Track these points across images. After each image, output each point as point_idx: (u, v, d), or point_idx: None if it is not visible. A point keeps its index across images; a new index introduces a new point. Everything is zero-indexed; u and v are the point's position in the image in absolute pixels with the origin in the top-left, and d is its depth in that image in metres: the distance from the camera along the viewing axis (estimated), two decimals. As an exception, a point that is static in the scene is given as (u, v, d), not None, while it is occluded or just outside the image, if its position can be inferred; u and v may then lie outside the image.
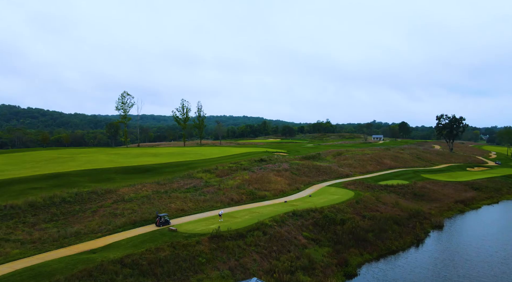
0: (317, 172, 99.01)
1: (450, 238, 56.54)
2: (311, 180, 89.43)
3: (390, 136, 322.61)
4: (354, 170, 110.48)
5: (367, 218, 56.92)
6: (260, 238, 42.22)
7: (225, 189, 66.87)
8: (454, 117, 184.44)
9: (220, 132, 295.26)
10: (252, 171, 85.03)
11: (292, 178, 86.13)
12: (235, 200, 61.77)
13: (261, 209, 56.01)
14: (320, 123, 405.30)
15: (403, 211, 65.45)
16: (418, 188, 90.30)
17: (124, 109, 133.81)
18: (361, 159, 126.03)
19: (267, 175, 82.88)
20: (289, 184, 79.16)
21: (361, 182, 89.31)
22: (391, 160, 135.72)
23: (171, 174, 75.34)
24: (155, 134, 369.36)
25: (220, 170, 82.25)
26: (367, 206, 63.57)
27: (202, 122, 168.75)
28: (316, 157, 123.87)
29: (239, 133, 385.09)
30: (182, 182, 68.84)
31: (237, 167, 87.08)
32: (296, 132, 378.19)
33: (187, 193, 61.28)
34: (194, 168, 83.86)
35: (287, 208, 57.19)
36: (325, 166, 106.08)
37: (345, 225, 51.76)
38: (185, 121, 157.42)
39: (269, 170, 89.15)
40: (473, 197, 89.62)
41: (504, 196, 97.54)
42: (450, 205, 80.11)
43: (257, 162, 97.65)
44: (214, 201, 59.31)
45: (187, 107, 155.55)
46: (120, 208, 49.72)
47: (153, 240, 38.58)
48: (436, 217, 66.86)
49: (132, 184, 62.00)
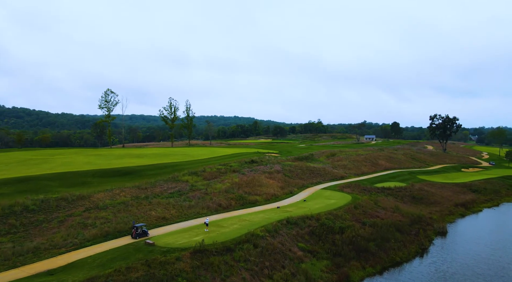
0: (311, 174, 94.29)
1: (456, 247, 52.20)
2: (305, 182, 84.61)
3: (382, 136, 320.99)
4: (348, 171, 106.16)
5: (367, 225, 52.20)
6: (251, 252, 36.96)
7: (213, 194, 61.45)
8: (448, 117, 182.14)
9: (210, 132, 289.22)
10: (242, 174, 79.76)
11: (285, 180, 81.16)
12: (223, 206, 56.41)
13: (251, 216, 50.79)
14: (311, 123, 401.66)
15: (404, 217, 61.02)
16: (416, 190, 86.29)
17: (108, 107, 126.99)
18: (355, 160, 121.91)
19: (258, 177, 77.71)
20: (282, 188, 74.11)
21: (357, 185, 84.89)
22: (385, 161, 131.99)
23: (154, 177, 69.55)
24: (144, 134, 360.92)
25: (208, 173, 76.75)
26: (366, 212, 58.90)
27: (191, 122, 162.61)
28: (309, 158, 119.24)
29: (230, 133, 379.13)
30: (165, 186, 63.14)
31: (226, 169, 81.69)
32: (288, 132, 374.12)
33: (170, 199, 55.67)
34: (180, 170, 78.17)
35: (280, 214, 52.12)
36: (318, 168, 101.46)
37: (345, 234, 46.90)
38: (173, 120, 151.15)
39: (261, 172, 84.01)
40: (473, 199, 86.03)
41: (503, 198, 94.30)
42: (450, 209, 76.22)
43: (248, 163, 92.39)
44: (200, 208, 53.84)
45: (175, 106, 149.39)
46: (92, 217, 43.90)
47: (125, 256, 33.01)
48: (438, 223, 62.60)
49: (109, 189, 56.07)
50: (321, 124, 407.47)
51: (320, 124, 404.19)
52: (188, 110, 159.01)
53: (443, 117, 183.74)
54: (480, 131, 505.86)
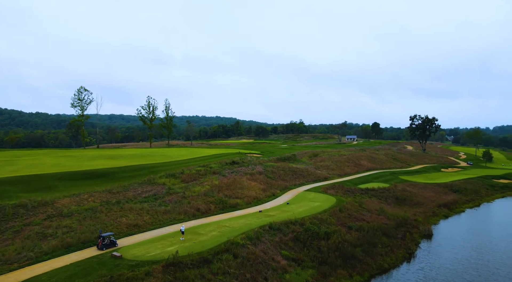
0: (294, 175, 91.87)
1: (442, 251, 50.70)
2: (288, 184, 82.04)
3: (363, 136, 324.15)
4: (332, 172, 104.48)
5: (353, 230, 49.92)
6: (230, 263, 33.71)
7: (191, 197, 57.76)
8: (427, 118, 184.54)
9: (191, 133, 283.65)
10: (222, 175, 76.31)
11: (267, 182, 78.27)
12: (202, 210, 52.84)
13: (232, 222, 47.51)
14: (293, 124, 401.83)
15: (390, 219, 59.28)
16: (399, 191, 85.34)
17: (81, 106, 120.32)
18: (338, 160, 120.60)
19: (240, 179, 74.48)
20: (264, 190, 71.14)
21: (341, 186, 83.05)
22: (368, 161, 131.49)
23: (129, 180, 65.20)
24: (123, 135, 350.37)
25: (187, 175, 72.90)
26: (352, 215, 56.74)
27: (171, 122, 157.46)
28: (292, 158, 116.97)
29: (211, 133, 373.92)
30: (140, 189, 58.95)
31: (206, 171, 78.01)
32: (270, 133, 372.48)
33: (145, 203, 51.64)
34: (157, 172, 73.98)
35: (263, 219, 49.10)
36: (301, 168, 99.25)
37: (330, 240, 44.34)
38: (152, 120, 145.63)
39: (242, 173, 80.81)
40: (455, 200, 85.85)
41: (484, 198, 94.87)
42: (434, 210, 75.41)
43: (229, 164, 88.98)
44: (176, 213, 50.08)
45: (153, 105, 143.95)
46: (54, 226, 39.47)
47: (86, 272, 29.09)
48: (424, 225, 61.23)
49: (76, 194, 51.49)
50: (302, 124, 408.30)
51: (302, 125, 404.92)
52: (168, 109, 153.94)
53: (422, 118, 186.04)
54: (455, 131, 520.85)
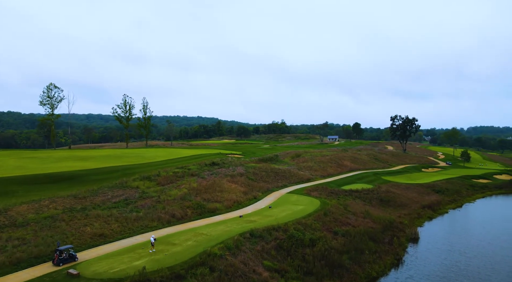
0: (276, 176, 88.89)
1: (430, 256, 48.79)
2: (270, 186, 78.90)
3: (344, 137, 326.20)
4: (315, 173, 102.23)
5: (339, 235, 47.20)
6: (206, 279, 30.04)
7: (166, 202, 53.56)
8: (407, 118, 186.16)
9: (171, 133, 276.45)
10: (201, 177, 72.33)
11: (249, 184, 74.87)
12: (178, 216, 48.79)
13: (209, 229, 43.76)
14: (275, 124, 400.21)
15: (376, 223, 57.06)
16: (383, 192, 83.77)
17: (51, 104, 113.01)
18: (321, 161, 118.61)
19: (220, 181, 70.72)
20: (245, 193, 67.66)
21: (324, 187, 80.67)
22: (350, 161, 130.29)
23: (99, 183, 60.25)
24: (100, 135, 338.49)
25: (163, 177, 68.50)
26: (337, 219, 54.09)
27: (149, 121, 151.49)
28: (274, 159, 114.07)
29: (192, 133, 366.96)
30: (110, 193, 54.24)
31: (183, 173, 73.78)
32: (252, 133, 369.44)
33: (114, 210, 47.12)
34: (131, 174, 69.24)
35: (243, 225, 45.62)
36: (284, 170, 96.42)
37: (316, 247, 41.37)
38: (128, 119, 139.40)
39: (222, 175, 77.07)
40: (438, 201, 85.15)
41: (465, 199, 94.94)
42: (418, 211, 74.11)
43: (208, 166, 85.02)
44: (149, 219, 45.85)
45: (130, 104, 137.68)
46: (4, 239, 34.59)
47: (35, 296, 24.76)
48: (410, 228, 59.46)
49: (36, 200, 46.40)
50: (284, 124, 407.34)
51: (284, 125, 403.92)
52: (145, 108, 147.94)
53: (403, 118, 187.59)
54: (432, 132, 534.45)
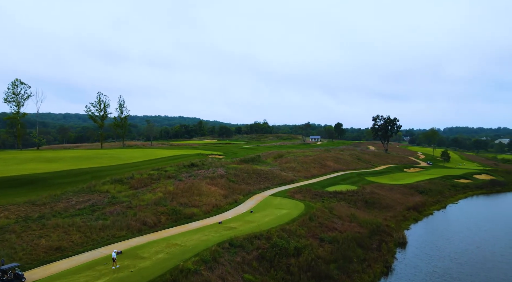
0: (258, 177, 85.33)
1: (420, 263, 46.45)
2: (252, 188, 75.23)
3: (326, 137, 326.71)
4: (298, 174, 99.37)
5: (326, 242, 44.02)
6: (177, 300, 26.00)
7: (138, 207, 48.95)
8: (389, 118, 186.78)
9: (151, 133, 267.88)
10: (179, 180, 67.86)
11: (229, 186, 70.96)
12: (150, 224, 44.32)
13: (185, 238, 39.59)
14: (257, 124, 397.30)
15: (363, 227, 54.34)
16: (368, 194, 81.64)
17: (17, 101, 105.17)
18: (304, 161, 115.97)
19: (198, 184, 66.46)
20: (225, 196, 63.70)
21: (308, 189, 77.75)
22: (333, 162, 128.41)
23: (64, 187, 54.90)
24: (77, 135, 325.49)
25: (137, 180, 63.62)
26: (323, 224, 50.98)
27: (125, 121, 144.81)
28: (256, 159, 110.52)
29: (173, 133, 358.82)
30: (74, 199, 49.11)
31: (159, 175, 69.08)
32: (234, 133, 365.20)
33: (77, 217, 42.20)
34: (102, 177, 64.01)
35: (222, 233, 41.71)
36: (266, 171, 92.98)
37: (301, 257, 37.96)
38: (103, 118, 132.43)
39: (201, 177, 72.82)
40: (422, 202, 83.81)
41: (448, 199, 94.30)
42: (404, 213, 72.25)
43: (187, 167, 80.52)
44: (117, 228, 41.21)
45: (105, 102, 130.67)
46: None
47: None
48: (397, 232, 57.16)
49: (-13, 207, 40.90)
50: (266, 124, 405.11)
51: (266, 125, 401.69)
52: (122, 106, 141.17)
53: (385, 118, 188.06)
54: (410, 132, 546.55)
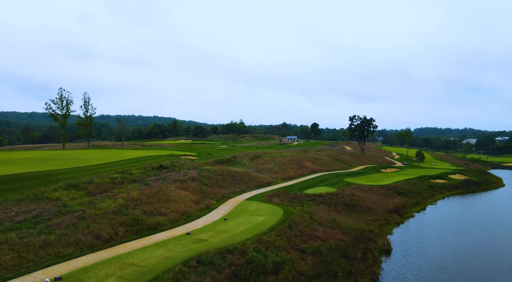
0: (233, 180, 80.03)
1: (410, 275, 42.74)
2: (226, 191, 69.80)
3: (303, 137, 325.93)
4: (275, 175, 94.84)
5: (308, 254, 39.30)
6: None
7: (93, 218, 42.31)
8: (365, 118, 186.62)
9: (123, 133, 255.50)
10: (145, 184, 61.33)
11: (202, 190, 65.17)
12: (105, 237, 37.89)
13: (144, 255, 33.60)
14: (233, 124, 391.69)
15: (345, 234, 50.25)
16: (348, 196, 78.29)
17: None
18: (281, 162, 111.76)
19: (166, 188, 60.26)
20: (197, 201, 57.87)
21: (286, 192, 73.33)
22: (311, 163, 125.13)
23: (4, 195, 47.15)
24: (43, 134, 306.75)
25: (96, 184, 56.52)
26: (303, 232, 46.34)
27: (91, 119, 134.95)
28: (231, 160, 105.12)
29: (146, 133, 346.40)
30: (14, 209, 41.75)
31: (123, 179, 62.19)
32: (209, 133, 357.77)
33: (12, 233, 35.18)
34: (54, 182, 56.40)
35: (190, 247, 36.03)
36: (242, 172, 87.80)
37: (281, 274, 32.99)
38: (65, 117, 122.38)
39: (171, 180, 66.62)
40: (402, 204, 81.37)
41: (427, 200, 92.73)
42: (385, 217, 69.13)
43: (155, 169, 73.85)
44: (63, 245, 34.59)
45: (67, 99, 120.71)
46: None
47: None
48: (381, 238, 53.41)
49: None
50: (243, 124, 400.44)
51: (242, 125, 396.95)
52: (87, 104, 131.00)
53: (361, 118, 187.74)
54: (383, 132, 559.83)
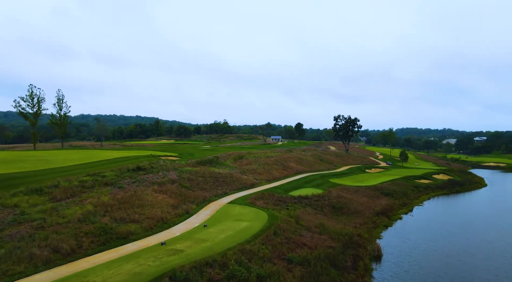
0: (216, 182, 76.09)
1: (401, 279, 39.92)
2: (207, 194, 65.77)
3: (287, 137, 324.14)
4: (259, 177, 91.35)
5: (295, 264, 35.86)
6: None
7: (54, 227, 37.56)
8: (350, 118, 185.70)
9: (103, 132, 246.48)
10: (118, 187, 56.59)
11: (181, 194, 60.91)
12: (65, 250, 33.29)
13: (110, 272, 29.31)
14: (217, 124, 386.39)
15: (334, 240, 47.18)
16: (335, 198, 75.62)
17: None
18: (265, 163, 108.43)
19: (142, 192, 55.74)
20: (175, 206, 53.62)
21: (270, 194, 69.95)
22: (296, 163, 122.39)
23: (-45, 202, 41.69)
24: (17, 134, 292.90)
25: (63, 189, 51.42)
26: (290, 238, 42.91)
27: (66, 118, 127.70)
28: (214, 161, 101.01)
29: (128, 133, 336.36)
30: (-38, 219, 36.56)
31: (94, 182, 57.19)
32: (193, 133, 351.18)
33: (-45, 248, 30.24)
34: (14, 186, 51.00)
35: (163, 261, 31.95)
36: (225, 174, 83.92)
37: (266, 290, 29.39)
38: (36, 115, 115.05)
39: (148, 183, 62.08)
40: (389, 205, 79.36)
41: (413, 201, 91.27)
42: (373, 219, 66.70)
43: (131, 171, 68.96)
44: (13, 261, 29.89)
45: (39, 96, 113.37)
46: None
47: None
48: (371, 243, 50.73)
49: None
50: (227, 124, 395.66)
51: (226, 125, 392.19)
52: (61, 102, 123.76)
53: (346, 118, 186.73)
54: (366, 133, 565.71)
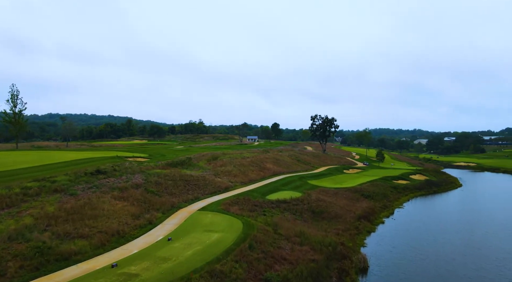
0: (186, 185, 69.62)
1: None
2: (176, 200, 59.26)
3: (264, 137, 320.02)
4: (234, 179, 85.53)
5: (273, 287, 30.39)
6: None
7: (-25, 248, 30.10)
8: (327, 118, 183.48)
9: (69, 132, 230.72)
10: (70, 194, 49.04)
11: (145, 200, 54.07)
12: (-18, 281, 26.18)
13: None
14: (192, 124, 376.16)
15: (316, 251, 42.11)
16: (314, 202, 71.05)
17: None
18: (241, 164, 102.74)
19: (98, 200, 48.50)
20: (136, 215, 46.80)
21: (246, 199, 64.36)
22: (273, 164, 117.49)
23: None
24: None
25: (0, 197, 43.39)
26: (268, 252, 37.38)
27: (21, 116, 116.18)
28: (186, 163, 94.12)
29: (97, 133, 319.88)
30: None
31: (41, 188, 49.29)
32: (167, 133, 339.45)
33: None
34: None
35: (110, 290, 25.51)
36: (197, 176, 77.57)
37: (238, 326, 23.66)
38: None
39: (107, 189, 54.77)
40: (370, 208, 75.90)
41: (394, 203, 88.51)
42: (356, 225, 62.51)
43: (89, 175, 61.17)
44: None
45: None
46: None
47: None
48: (356, 253, 46.25)
49: None
50: (202, 124, 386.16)
51: (202, 125, 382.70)
52: (15, 98, 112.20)
53: (323, 118, 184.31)
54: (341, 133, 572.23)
